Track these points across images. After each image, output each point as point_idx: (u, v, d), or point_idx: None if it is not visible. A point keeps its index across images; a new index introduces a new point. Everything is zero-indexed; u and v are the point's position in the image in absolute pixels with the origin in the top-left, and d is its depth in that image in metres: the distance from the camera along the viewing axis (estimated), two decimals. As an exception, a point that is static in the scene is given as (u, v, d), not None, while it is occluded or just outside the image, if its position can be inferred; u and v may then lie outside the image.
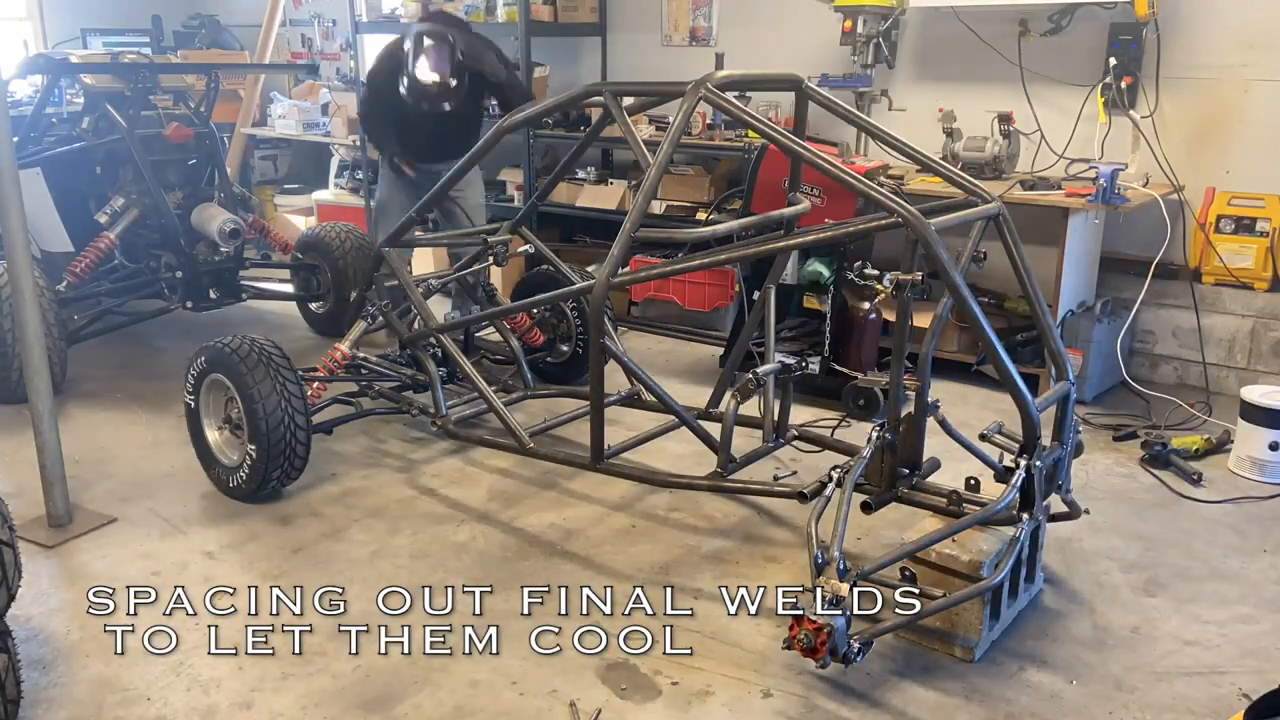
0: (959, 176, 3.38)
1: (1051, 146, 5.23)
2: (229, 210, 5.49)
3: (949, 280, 2.84)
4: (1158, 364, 5.26)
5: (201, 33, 8.65)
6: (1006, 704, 2.75)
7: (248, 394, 3.67)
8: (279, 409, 3.67)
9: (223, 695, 2.77)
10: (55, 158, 5.37)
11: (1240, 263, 4.90)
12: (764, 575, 3.39)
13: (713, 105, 3.31)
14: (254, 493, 3.80)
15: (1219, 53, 4.88)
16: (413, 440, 4.47)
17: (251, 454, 3.72)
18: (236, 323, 5.93)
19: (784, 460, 4.03)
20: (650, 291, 5.97)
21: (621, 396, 4.10)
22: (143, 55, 5.94)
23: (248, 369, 3.69)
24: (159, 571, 3.40)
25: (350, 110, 7.28)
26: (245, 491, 3.81)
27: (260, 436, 3.67)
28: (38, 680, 2.81)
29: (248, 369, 3.69)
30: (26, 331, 3.54)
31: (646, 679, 2.85)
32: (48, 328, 4.33)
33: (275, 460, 3.72)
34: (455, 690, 2.80)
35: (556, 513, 3.80)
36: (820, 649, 2.53)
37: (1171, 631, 3.10)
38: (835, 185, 3.31)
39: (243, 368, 3.70)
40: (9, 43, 8.05)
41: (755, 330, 3.95)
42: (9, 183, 3.38)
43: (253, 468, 3.74)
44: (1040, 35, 5.22)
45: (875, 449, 3.04)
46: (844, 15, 5.36)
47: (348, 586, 3.30)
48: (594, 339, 3.32)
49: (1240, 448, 4.20)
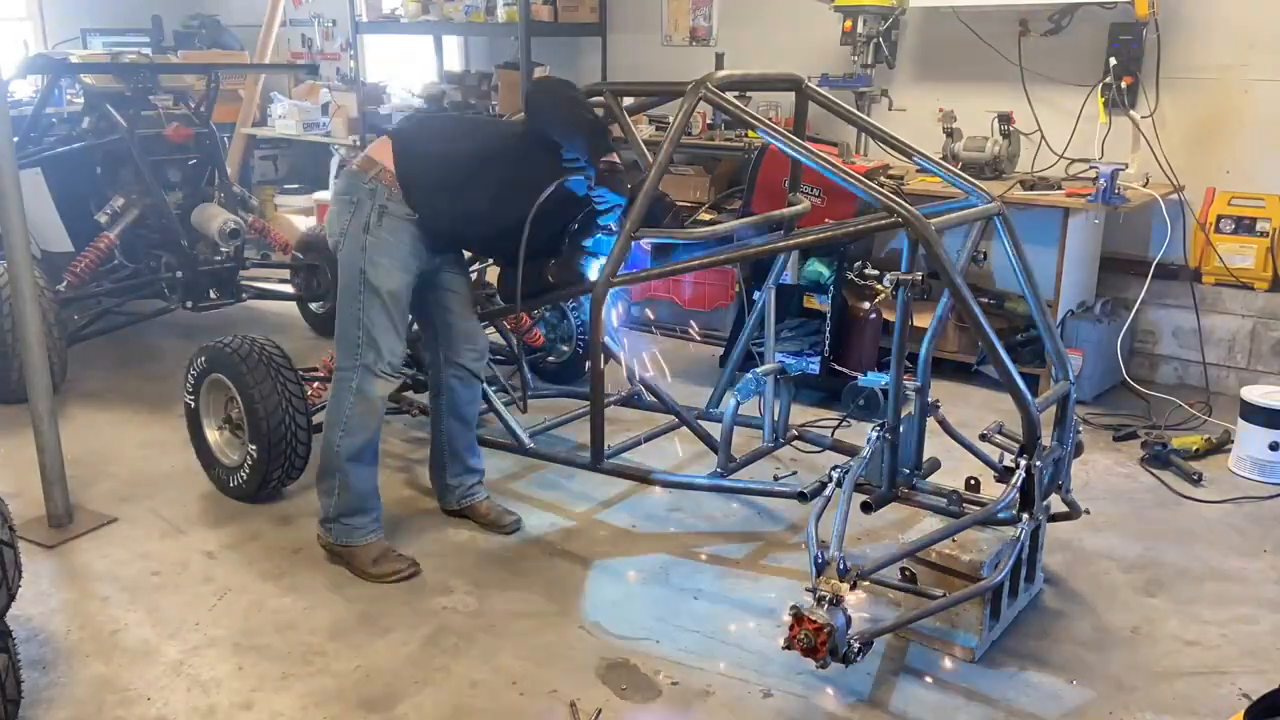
0: (959, 176, 3.39)
1: (1051, 146, 5.23)
2: (229, 210, 5.49)
3: (949, 280, 2.84)
4: (1158, 364, 5.26)
5: (202, 33, 8.67)
6: (1006, 704, 2.75)
7: (248, 394, 3.67)
8: (280, 409, 3.67)
9: (223, 695, 2.77)
10: (55, 158, 5.37)
11: (1240, 263, 4.90)
12: (764, 575, 3.39)
13: (713, 105, 3.31)
14: (254, 493, 3.80)
15: (1219, 53, 4.88)
16: (413, 440, 4.47)
17: (252, 454, 3.72)
18: (236, 323, 5.93)
19: (784, 460, 4.03)
20: (650, 291, 5.97)
21: (621, 396, 4.10)
22: (143, 55, 5.95)
23: (248, 369, 3.69)
24: (159, 571, 3.40)
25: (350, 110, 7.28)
26: (245, 491, 3.81)
27: (261, 436, 3.67)
28: (38, 680, 2.81)
29: (248, 369, 3.69)
30: (26, 331, 3.54)
31: (646, 679, 2.85)
32: (48, 328, 4.33)
33: (276, 460, 3.72)
34: (455, 690, 2.80)
35: (556, 513, 3.80)
36: (820, 649, 2.53)
37: (1172, 631, 3.10)
38: (835, 185, 3.31)
39: (243, 368, 3.70)
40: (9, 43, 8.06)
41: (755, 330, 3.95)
42: (9, 183, 3.38)
43: (253, 468, 3.74)
44: (1040, 35, 5.22)
45: (875, 449, 3.04)
46: (844, 15, 5.37)
47: (347, 586, 3.31)
48: (594, 339, 3.32)
49: (1240, 448, 4.20)
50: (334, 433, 3.28)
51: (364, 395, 3.23)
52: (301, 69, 7.42)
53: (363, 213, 3.17)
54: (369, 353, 3.21)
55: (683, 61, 6.33)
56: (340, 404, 3.26)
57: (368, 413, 3.25)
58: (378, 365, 3.22)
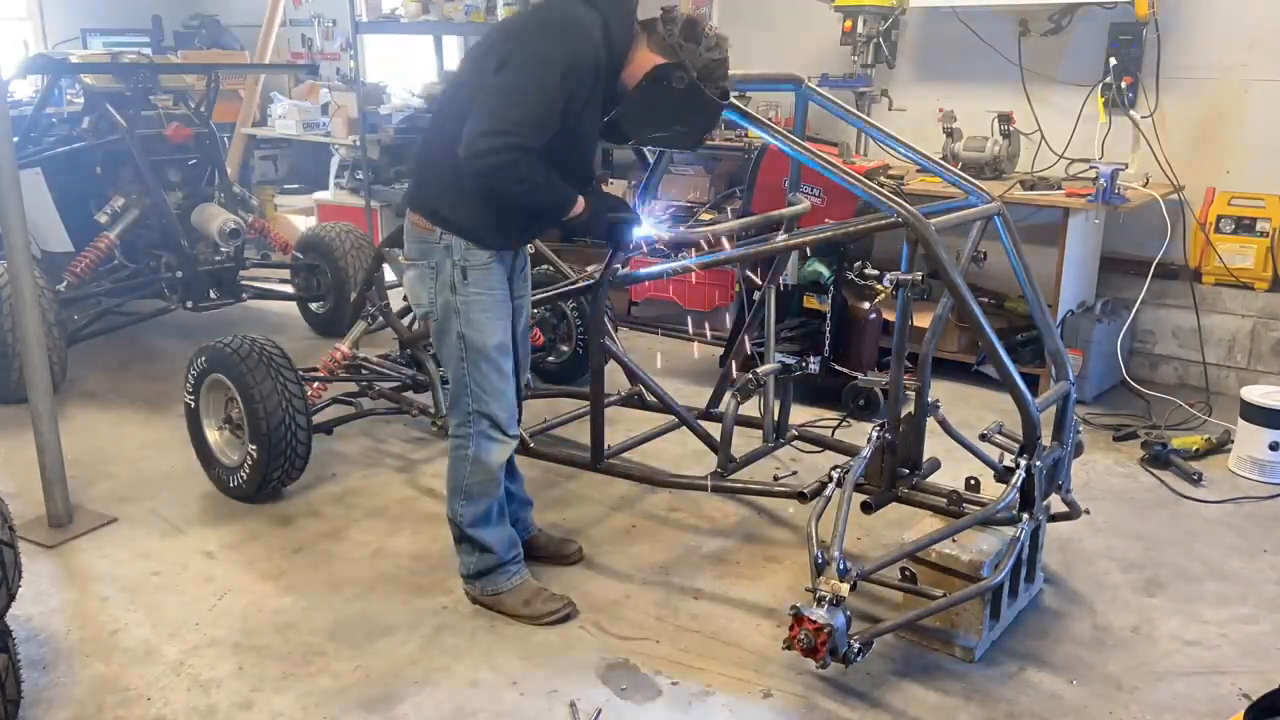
0: (959, 176, 3.39)
1: (1051, 146, 5.23)
2: (229, 210, 5.49)
3: (949, 280, 2.84)
4: (1158, 364, 5.26)
5: (202, 33, 8.67)
6: (1006, 704, 2.75)
7: (249, 394, 3.67)
8: (280, 409, 3.67)
9: (223, 695, 2.77)
10: (55, 158, 5.37)
11: (1240, 263, 4.91)
12: (764, 575, 3.39)
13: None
14: (254, 493, 3.80)
15: (1219, 53, 4.88)
16: (413, 440, 4.47)
17: (252, 454, 3.72)
18: (236, 323, 5.93)
19: (784, 460, 4.03)
20: (650, 291, 5.97)
21: (621, 396, 4.10)
22: (143, 55, 5.93)
23: (249, 369, 3.69)
24: (159, 571, 3.40)
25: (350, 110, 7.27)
26: (245, 491, 3.82)
27: (261, 436, 3.68)
28: (38, 680, 2.81)
29: (249, 369, 3.69)
30: (26, 331, 3.54)
31: (646, 679, 2.85)
32: (48, 328, 4.33)
33: (276, 460, 3.72)
34: (455, 690, 2.80)
35: (556, 513, 3.80)
36: (820, 649, 2.53)
37: (1171, 631, 3.10)
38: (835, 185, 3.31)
39: (243, 368, 3.70)
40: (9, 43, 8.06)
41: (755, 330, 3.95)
42: (9, 183, 3.38)
43: (253, 468, 3.74)
44: (1040, 35, 5.22)
45: (875, 449, 3.04)
46: (844, 15, 5.37)
47: (347, 586, 3.31)
48: (594, 339, 3.32)
49: (1240, 448, 4.20)
50: (455, 502, 3.10)
51: (481, 463, 3.03)
52: (301, 69, 7.42)
53: (445, 274, 2.91)
54: (482, 419, 3.00)
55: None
56: (459, 472, 3.07)
57: (488, 480, 3.06)
58: (495, 430, 3.02)
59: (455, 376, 3.03)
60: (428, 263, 2.95)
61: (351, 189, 7.55)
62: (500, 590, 3.15)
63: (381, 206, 7.20)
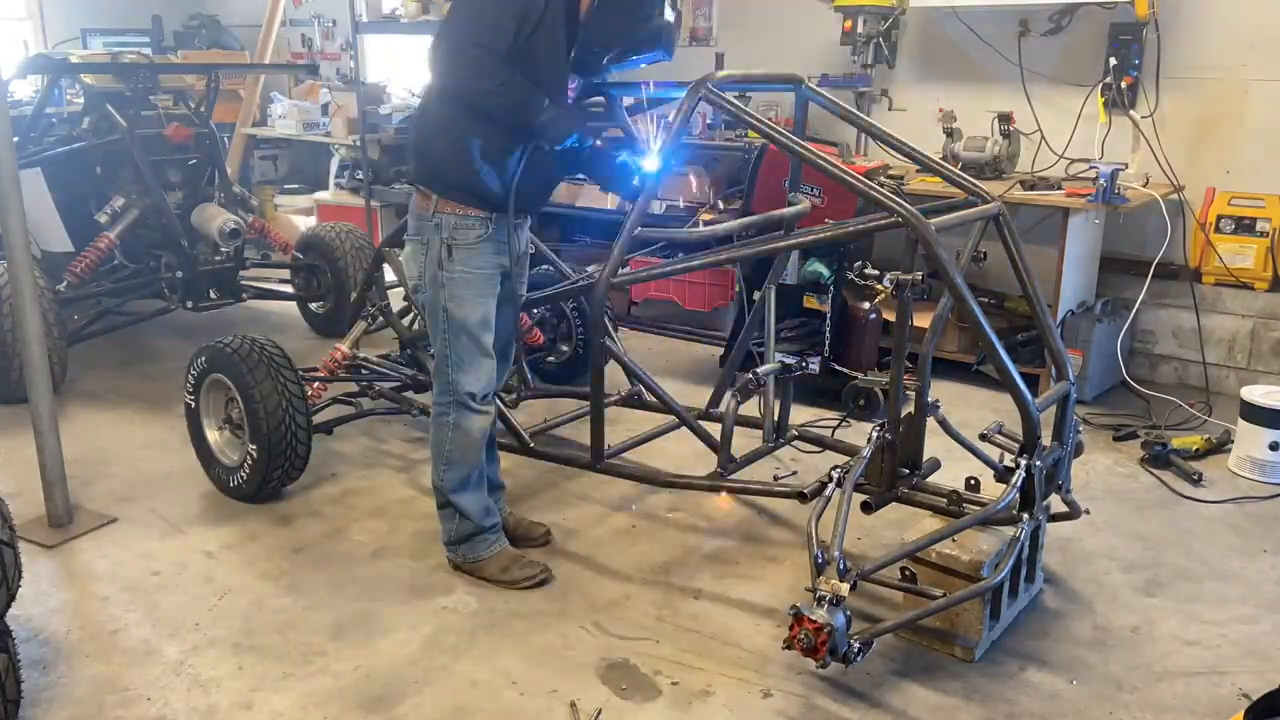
0: (959, 176, 3.39)
1: (1051, 146, 5.23)
2: (229, 210, 5.50)
3: (949, 280, 2.84)
4: (1158, 364, 5.26)
5: (202, 33, 8.66)
6: (1006, 704, 2.75)
7: (249, 394, 3.67)
8: (280, 409, 3.67)
9: (223, 695, 2.77)
10: (55, 158, 5.37)
11: (1240, 263, 4.91)
12: (764, 575, 3.39)
13: (713, 105, 3.31)
14: (254, 493, 3.80)
15: (1219, 53, 4.88)
16: (413, 440, 4.47)
17: (252, 454, 3.72)
18: (236, 323, 5.93)
19: (784, 460, 4.03)
20: (650, 291, 5.97)
21: (621, 396, 4.10)
22: (143, 55, 5.94)
23: (249, 369, 3.69)
24: (159, 571, 3.40)
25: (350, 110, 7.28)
26: (245, 491, 3.82)
27: (261, 436, 3.68)
28: (38, 680, 2.81)
29: (249, 369, 3.69)
30: (26, 331, 3.54)
31: (646, 679, 2.85)
32: (48, 328, 4.33)
33: (276, 460, 3.72)
34: (455, 690, 2.80)
35: (556, 513, 3.80)
36: (820, 649, 2.53)
37: (1171, 631, 3.10)
38: (835, 185, 3.31)
39: (244, 368, 3.70)
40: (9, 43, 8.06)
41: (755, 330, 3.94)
42: (9, 183, 3.38)
43: (253, 468, 3.74)
44: (1040, 35, 5.22)
45: (875, 449, 3.04)
46: (844, 15, 5.37)
47: (348, 586, 3.31)
48: (594, 339, 3.32)
49: (1240, 448, 4.20)
50: (437, 469, 3.28)
51: (461, 430, 3.21)
52: (301, 69, 7.42)
53: (433, 250, 3.09)
54: (462, 389, 3.17)
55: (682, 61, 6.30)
56: (440, 440, 3.25)
57: (467, 446, 3.23)
58: (471, 401, 3.18)
59: (438, 348, 3.22)
60: (421, 238, 3.15)
61: (351, 189, 7.56)
62: (480, 557, 3.34)
63: (381, 206, 7.20)
